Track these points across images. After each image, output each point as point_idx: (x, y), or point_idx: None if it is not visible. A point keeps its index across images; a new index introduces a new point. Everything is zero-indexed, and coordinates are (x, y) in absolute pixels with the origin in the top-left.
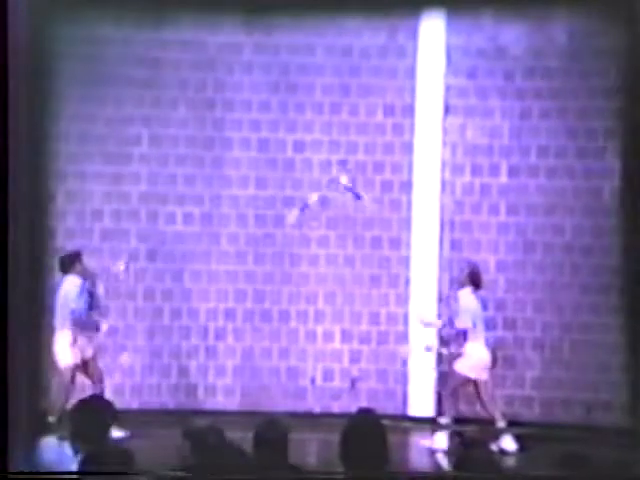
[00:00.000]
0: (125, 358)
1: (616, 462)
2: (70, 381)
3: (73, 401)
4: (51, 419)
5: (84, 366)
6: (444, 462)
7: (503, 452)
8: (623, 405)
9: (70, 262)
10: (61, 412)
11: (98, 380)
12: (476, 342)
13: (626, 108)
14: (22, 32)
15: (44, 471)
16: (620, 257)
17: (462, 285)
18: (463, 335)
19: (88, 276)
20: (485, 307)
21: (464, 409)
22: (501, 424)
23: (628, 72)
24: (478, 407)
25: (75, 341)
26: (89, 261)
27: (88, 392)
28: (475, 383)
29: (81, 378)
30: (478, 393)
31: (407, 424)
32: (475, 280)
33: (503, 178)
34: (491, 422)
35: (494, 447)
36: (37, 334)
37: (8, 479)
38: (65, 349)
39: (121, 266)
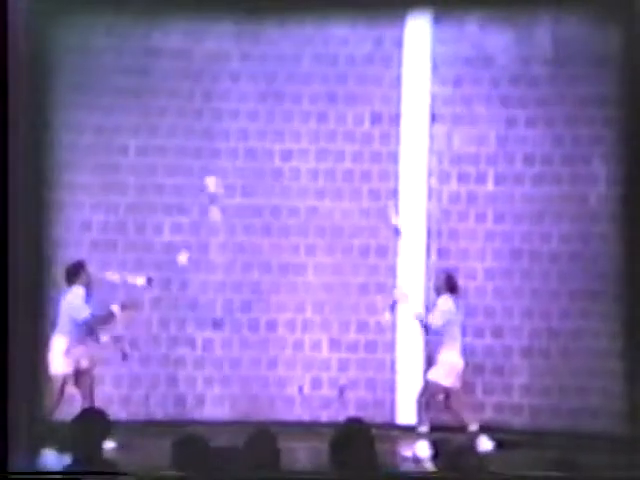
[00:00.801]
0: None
1: (606, 468)
2: (60, 390)
3: (62, 410)
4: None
5: (76, 376)
6: (431, 468)
7: (482, 454)
8: (613, 411)
9: (75, 272)
10: (50, 420)
11: (88, 392)
12: (450, 350)
13: (618, 115)
14: (22, 44)
15: (44, 471)
16: (612, 263)
17: (439, 292)
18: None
19: (92, 286)
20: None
21: (439, 417)
22: (474, 427)
23: (621, 79)
24: (449, 415)
25: (69, 350)
26: None
27: (76, 402)
28: (446, 391)
29: (70, 388)
30: (449, 401)
31: (395, 433)
32: (452, 286)
33: (490, 186)
34: (463, 428)
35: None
36: (37, 341)
37: (8, 479)
38: (59, 358)
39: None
